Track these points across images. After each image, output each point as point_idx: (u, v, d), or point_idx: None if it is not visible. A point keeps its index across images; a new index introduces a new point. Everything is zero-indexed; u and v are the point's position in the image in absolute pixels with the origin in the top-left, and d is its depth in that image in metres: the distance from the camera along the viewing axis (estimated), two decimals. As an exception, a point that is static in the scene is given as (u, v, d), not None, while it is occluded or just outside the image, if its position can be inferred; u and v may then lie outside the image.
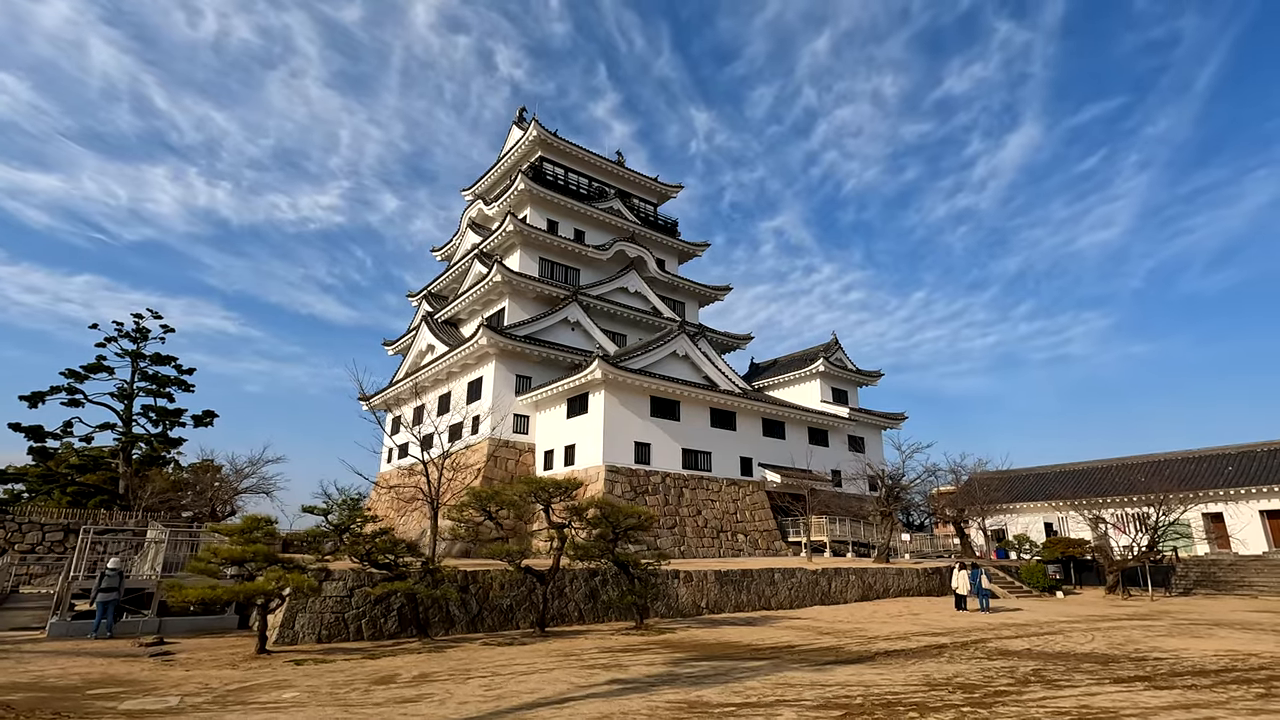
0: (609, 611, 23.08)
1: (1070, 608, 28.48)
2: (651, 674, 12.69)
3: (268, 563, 15.18)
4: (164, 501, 47.77)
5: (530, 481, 19.05)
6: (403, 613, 19.14)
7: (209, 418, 53.52)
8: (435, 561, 17.99)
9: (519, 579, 19.15)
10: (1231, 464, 38.78)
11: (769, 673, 12.80)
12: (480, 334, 41.80)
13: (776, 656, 15.01)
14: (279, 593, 14.61)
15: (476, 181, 60.63)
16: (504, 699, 10.50)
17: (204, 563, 15.02)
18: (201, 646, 16.65)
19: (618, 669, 13.21)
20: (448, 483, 45.81)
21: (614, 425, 39.24)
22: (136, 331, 51.16)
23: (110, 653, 15.51)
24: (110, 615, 17.48)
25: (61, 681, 12.25)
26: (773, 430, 46.97)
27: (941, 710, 9.53)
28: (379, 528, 17.71)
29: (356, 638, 18.20)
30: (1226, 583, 34.52)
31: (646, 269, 53.80)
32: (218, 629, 19.37)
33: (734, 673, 12.81)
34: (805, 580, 28.96)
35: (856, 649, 16.26)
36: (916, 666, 13.58)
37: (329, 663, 14.29)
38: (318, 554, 17.41)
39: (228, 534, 15.99)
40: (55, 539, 35.28)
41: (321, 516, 17.29)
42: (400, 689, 11.43)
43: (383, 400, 55.80)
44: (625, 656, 14.92)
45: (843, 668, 13.47)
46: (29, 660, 14.23)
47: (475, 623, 20.27)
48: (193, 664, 14.31)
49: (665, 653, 15.52)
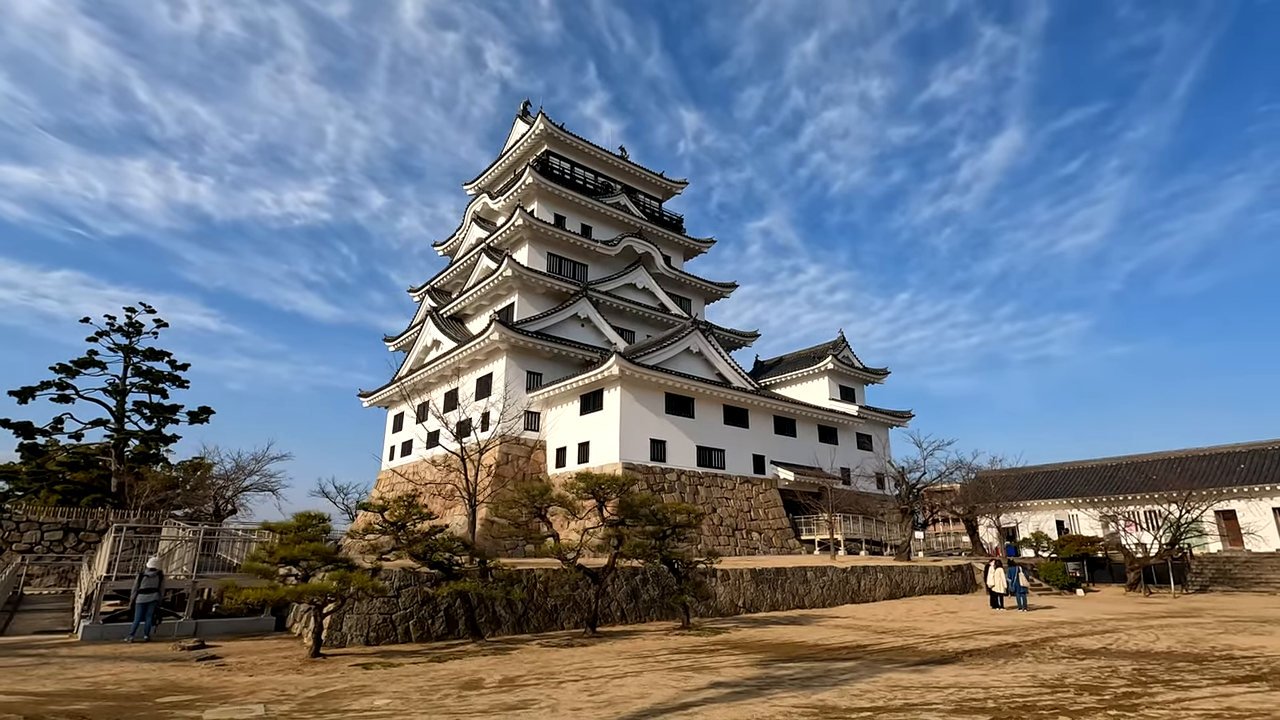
0: (650, 611, 22.55)
1: (1102, 605, 28.41)
2: (748, 676, 12.17)
3: (324, 562, 14.42)
4: (162, 500, 46.46)
5: (586, 478, 18.42)
6: (449, 613, 18.45)
7: (205, 414, 52.07)
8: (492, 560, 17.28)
9: (570, 578, 18.52)
10: (1244, 462, 39.13)
11: (868, 674, 12.34)
12: (492, 329, 40.99)
13: (857, 657, 14.56)
14: (341, 594, 13.87)
15: (480, 176, 59.70)
16: (615, 704, 9.92)
17: (259, 562, 14.22)
18: (246, 650, 15.85)
19: (708, 671, 12.67)
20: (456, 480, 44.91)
21: (630, 422, 38.68)
22: (129, 326, 49.61)
23: (155, 657, 14.66)
24: (149, 618, 16.60)
25: (122, 689, 11.47)
26: (784, 428, 46.67)
27: (1086, 714, 9.11)
28: (433, 525, 16.97)
29: (404, 639, 17.50)
30: (1243, 580, 34.76)
31: (654, 265, 53.25)
32: (255, 631, 18.52)
33: (832, 675, 12.33)
34: (836, 579, 28.63)
35: (931, 649, 15.86)
36: (1012, 667, 13.19)
37: (396, 666, 13.59)
38: (376, 553, 16.65)
39: (282, 532, 15.20)
40: (55, 538, 34.00)
41: (378, 512, 16.51)
42: (495, 694, 10.80)
43: (384, 397, 54.72)
44: (703, 658, 14.39)
45: (938, 669, 13.04)
46: (75, 666, 13.37)
47: (521, 623, 19.63)
48: (250, 669, 13.54)
49: (739, 654, 15.01)
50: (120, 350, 48.76)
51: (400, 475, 50.71)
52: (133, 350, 49.29)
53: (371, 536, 16.93)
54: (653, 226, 55.61)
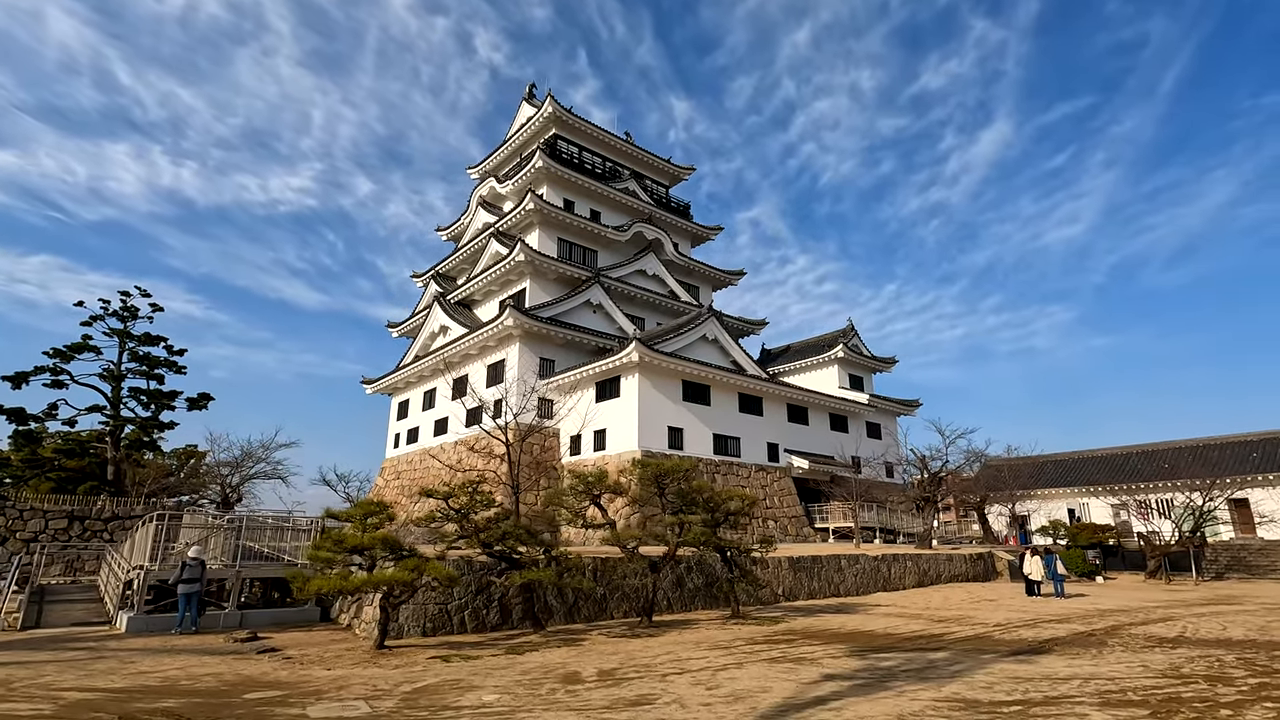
0: (695, 599, 22.14)
1: (1132, 592, 28.47)
2: (855, 668, 11.76)
3: (391, 551, 13.78)
4: (164, 488, 45.33)
5: (647, 464, 17.90)
6: (504, 603, 17.89)
7: (204, 400, 50.74)
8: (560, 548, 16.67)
9: (636, 567, 17.98)
10: (1256, 450, 39.49)
11: (974, 665, 11.98)
12: (506, 314, 40.24)
13: (940, 646, 14.22)
14: (414, 584, 13.25)
15: (484, 160, 58.60)
16: (742, 699, 9.44)
17: (325, 551, 13.53)
18: (300, 641, 15.18)
19: (808, 663, 12.24)
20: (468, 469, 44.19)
21: (648, 410, 38.19)
22: (125, 310, 48.15)
23: (211, 649, 13.96)
24: (194, 608, 15.87)
25: (198, 684, 10.80)
26: (797, 416, 46.42)
27: (1238, 706, 8.78)
28: (497, 512, 16.36)
29: (460, 630, 16.91)
30: (1258, 567, 35.10)
31: (664, 251, 52.62)
32: (300, 621, 17.84)
33: (937, 666, 11.95)
34: (868, 567, 28.41)
35: (1008, 637, 15.58)
36: (1113, 657, 12.91)
37: (474, 658, 13.01)
38: (445, 541, 16.00)
39: (346, 519, 14.51)
40: (59, 526, 32.88)
41: (442, 499, 15.84)
42: (605, 688, 10.27)
43: (388, 384, 53.75)
44: (787, 648, 13.96)
45: (1040, 658, 12.72)
46: (134, 660, 12.64)
47: (572, 612, 19.12)
48: (318, 661, 12.90)
49: (818, 644, 14.60)
50: (115, 335, 47.39)
51: (408, 463, 49.89)
52: (128, 335, 47.91)
53: (435, 524, 16.27)
54: (661, 213, 54.93)
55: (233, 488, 40.53)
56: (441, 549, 15.88)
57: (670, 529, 17.60)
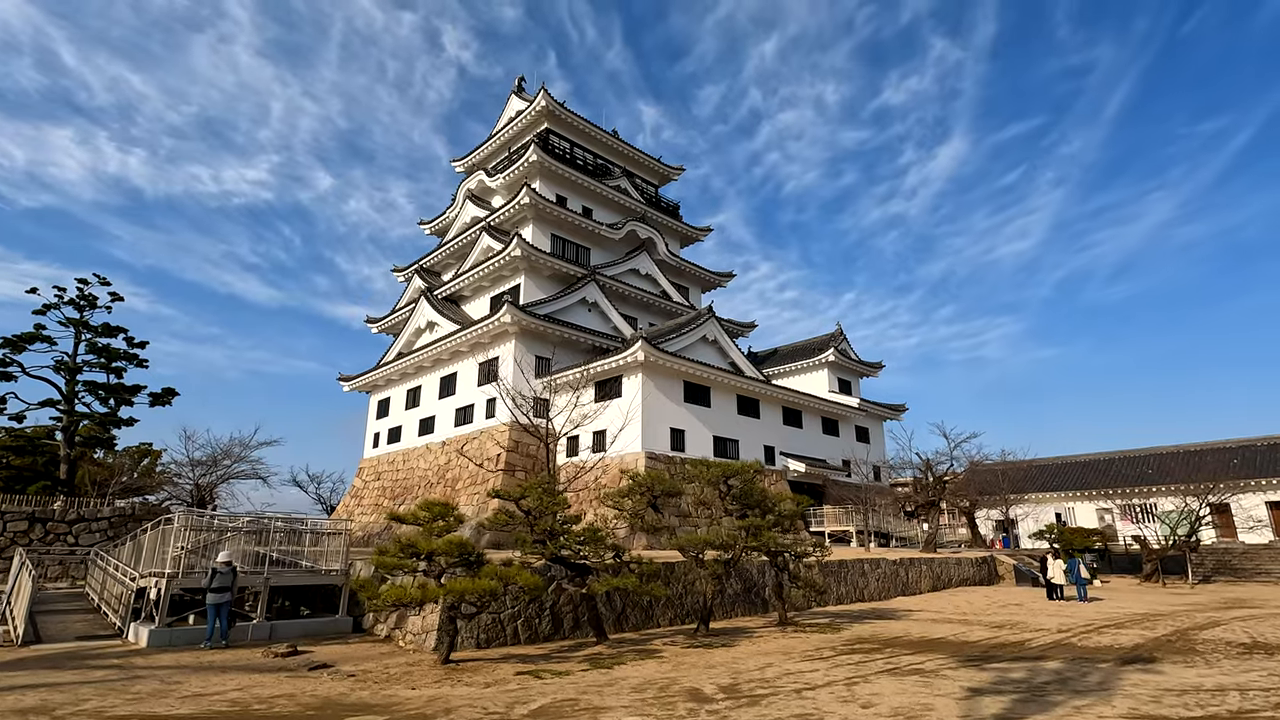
0: (735, 605, 21.37)
1: (1142, 595, 28.74)
2: (990, 680, 11.08)
3: (460, 557, 12.56)
4: (127, 488, 42.47)
5: (711, 464, 17.02)
6: (555, 612, 16.77)
7: (169, 396, 47.76)
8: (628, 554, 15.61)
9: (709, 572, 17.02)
10: (1235, 457, 40.78)
11: (1105, 677, 11.44)
12: (504, 311, 38.81)
13: (1041, 656, 13.68)
14: (498, 595, 12.07)
15: (470, 153, 56.91)
16: (915, 718, 8.65)
17: (390, 557, 12.23)
18: (347, 655, 13.80)
19: (934, 676, 11.51)
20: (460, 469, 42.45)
21: (651, 411, 37.28)
22: (82, 299, 44.95)
23: (256, 666, 12.51)
24: (224, 620, 14.31)
25: (275, 709, 9.48)
26: (792, 419, 46.12)
27: None
28: (566, 516, 15.20)
29: (514, 641, 15.72)
30: (1243, 570, 36.07)
31: (657, 251, 51.81)
32: (332, 633, 16.36)
33: (1072, 677, 11.37)
34: (888, 571, 28.08)
35: (1089, 644, 15.18)
36: (1229, 665, 12.55)
37: (563, 673, 11.91)
38: (524, 546, 14.73)
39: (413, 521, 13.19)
40: (19, 529, 30.20)
41: (514, 502, 14.62)
42: (745, 708, 9.32)
43: (367, 382, 51.54)
44: (892, 659, 13.24)
45: (1160, 668, 12.28)
46: (180, 680, 11.16)
47: (620, 620, 18.10)
48: (389, 679, 11.62)
49: (913, 653, 13.92)
50: (72, 324, 44.21)
51: (389, 463, 47.84)
52: (85, 325, 44.76)
53: (509, 527, 15.02)
54: (653, 212, 54.17)
55: (207, 488, 38.00)
56: (522, 554, 14.68)
57: (739, 532, 16.74)
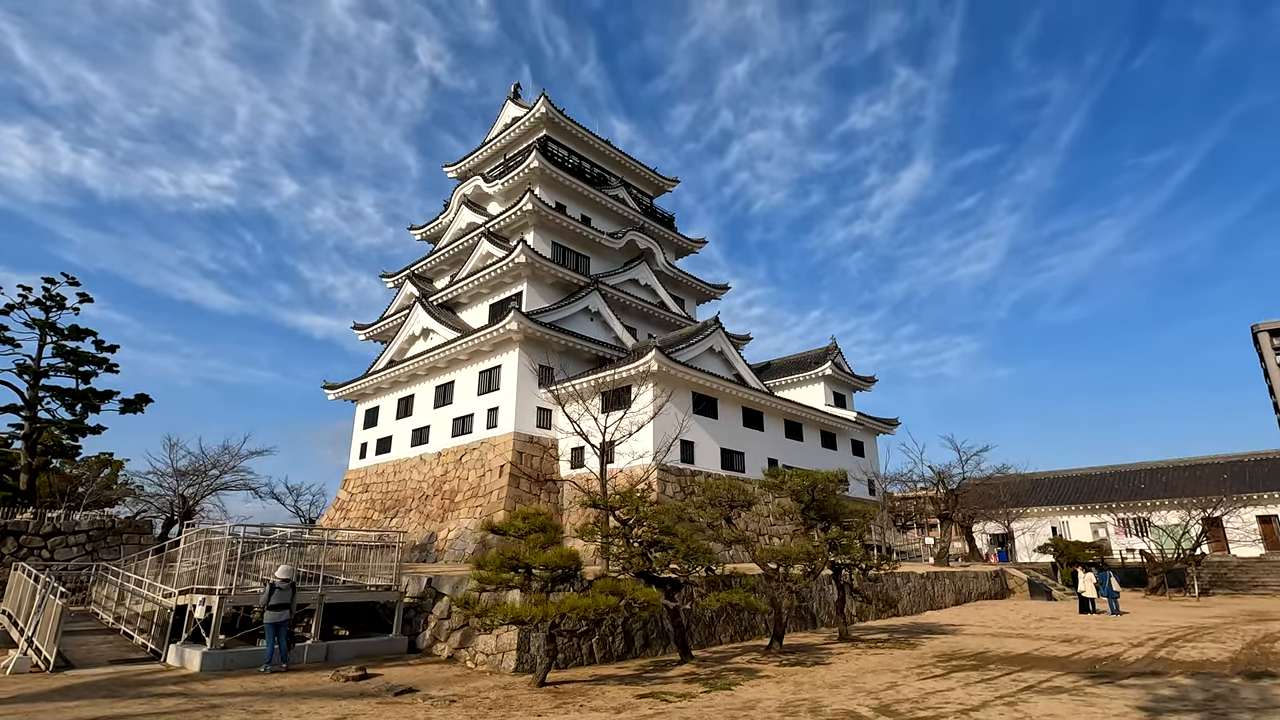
0: (789, 621, 20.71)
1: (1159, 608, 28.96)
2: (1145, 701, 10.64)
3: (561, 570, 11.62)
4: (96, 500, 39.90)
5: (794, 474, 16.37)
6: (626, 629, 15.87)
7: (141, 402, 45.21)
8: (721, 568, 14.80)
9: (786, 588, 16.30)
10: (1226, 472, 41.92)
11: (1258, 695, 11.12)
12: (510, 318, 37.75)
13: (1155, 672, 13.36)
14: (622, 613, 11.14)
15: (464, 158, 55.79)
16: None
17: (490, 570, 11.21)
18: (421, 678, 12.67)
19: (1080, 694, 11.02)
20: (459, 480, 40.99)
21: (662, 422, 36.53)
22: (49, 299, 42.35)
23: (333, 691, 11.32)
24: (284, 640, 13.03)
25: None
26: (793, 432, 45.88)
27: None
28: (655, 526, 14.34)
29: (590, 660, 14.77)
30: (1240, 583, 36.87)
31: (655, 261, 51.35)
32: (387, 653, 15.14)
33: (1224, 694, 11.02)
34: (917, 584, 27.81)
35: (1181, 658, 14.94)
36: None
37: (686, 696, 11.04)
38: (627, 559, 13.76)
39: (514, 533, 12.16)
40: (-10, 545, 27.79)
41: (608, 510, 13.68)
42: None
43: (355, 390, 49.63)
44: (1022, 676, 12.72)
45: None
46: (267, 709, 9.95)
47: (685, 637, 17.28)
48: (495, 705, 10.59)
49: (1021, 669, 13.44)
50: (37, 326, 41.58)
51: (378, 474, 45.99)
52: (52, 327, 42.17)
53: (607, 539, 14.08)
54: (650, 222, 53.76)
55: (191, 500, 35.80)
56: (626, 569, 13.74)
57: (824, 545, 16.11)
